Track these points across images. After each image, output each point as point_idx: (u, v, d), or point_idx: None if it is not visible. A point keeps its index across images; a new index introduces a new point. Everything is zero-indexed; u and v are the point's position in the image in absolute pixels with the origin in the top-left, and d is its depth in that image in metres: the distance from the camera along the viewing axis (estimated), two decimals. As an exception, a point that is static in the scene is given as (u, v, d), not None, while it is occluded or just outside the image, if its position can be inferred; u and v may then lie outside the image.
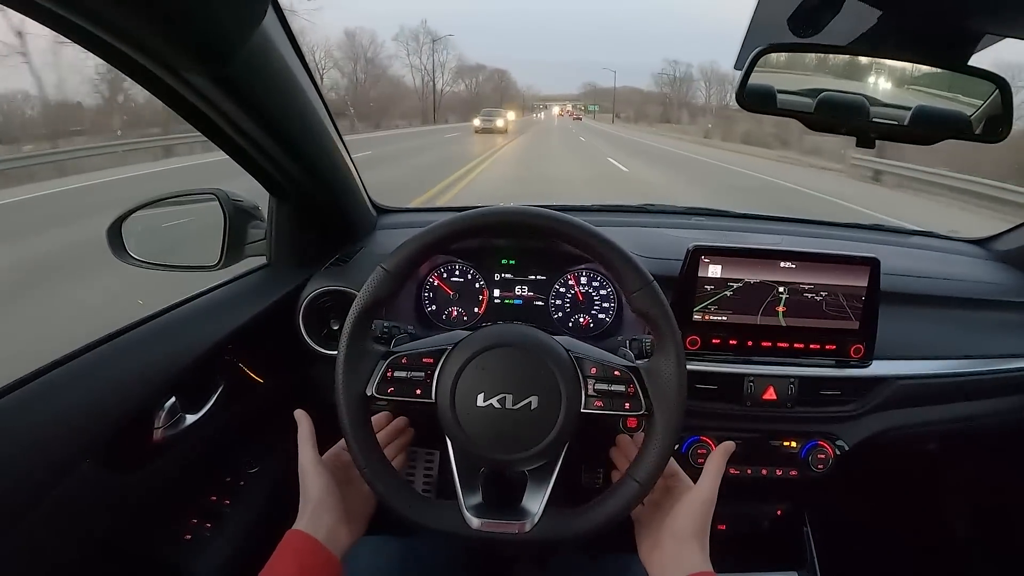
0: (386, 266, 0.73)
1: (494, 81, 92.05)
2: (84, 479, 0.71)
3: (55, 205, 7.99)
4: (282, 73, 0.81)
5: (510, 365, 0.73)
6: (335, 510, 0.75)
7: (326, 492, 0.76)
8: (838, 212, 8.26)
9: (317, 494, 0.75)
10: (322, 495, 0.75)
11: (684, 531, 0.73)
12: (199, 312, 0.97)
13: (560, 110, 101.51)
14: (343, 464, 0.83)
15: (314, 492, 0.76)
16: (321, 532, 0.72)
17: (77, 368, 0.77)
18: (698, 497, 0.75)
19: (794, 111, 0.79)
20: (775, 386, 1.08)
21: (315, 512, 0.74)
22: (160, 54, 0.62)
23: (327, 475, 0.77)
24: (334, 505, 0.76)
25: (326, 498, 0.75)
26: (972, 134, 0.79)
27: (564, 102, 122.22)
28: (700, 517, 0.75)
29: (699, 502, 0.75)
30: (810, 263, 1.07)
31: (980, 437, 1.34)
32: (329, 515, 0.74)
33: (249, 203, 1.11)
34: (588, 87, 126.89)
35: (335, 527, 0.74)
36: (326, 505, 0.75)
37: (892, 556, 1.54)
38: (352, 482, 0.80)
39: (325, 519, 0.74)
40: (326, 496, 0.76)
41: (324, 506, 0.75)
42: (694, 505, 0.75)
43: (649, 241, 1.22)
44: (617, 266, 0.73)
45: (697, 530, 0.74)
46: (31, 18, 0.55)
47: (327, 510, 0.75)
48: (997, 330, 1.23)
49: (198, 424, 0.90)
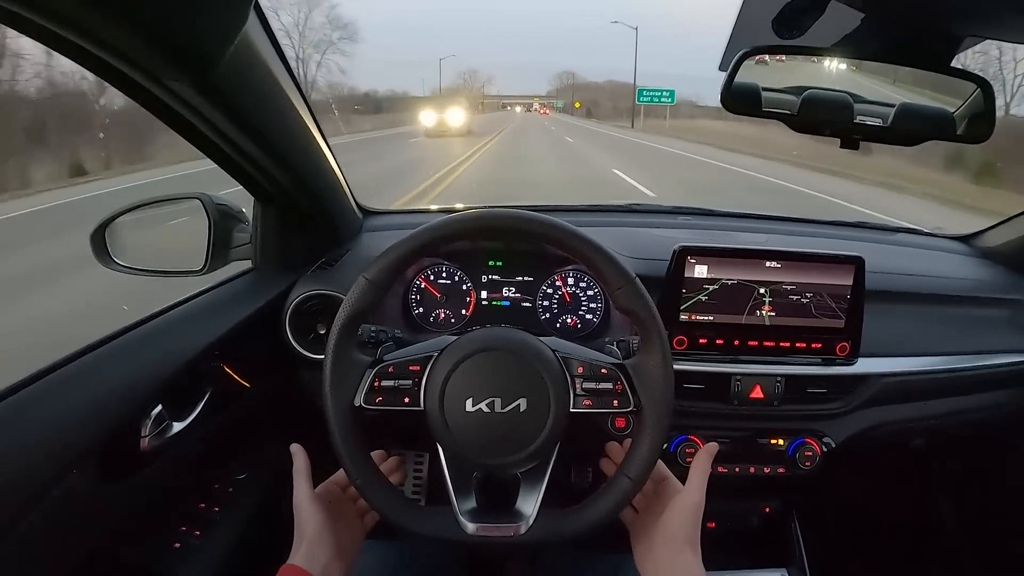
0: (368, 275, 0.73)
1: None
2: (72, 489, 0.71)
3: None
4: (265, 78, 0.80)
5: (497, 369, 0.73)
6: (329, 546, 0.76)
7: (321, 528, 0.76)
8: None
9: (313, 530, 0.76)
10: (318, 531, 0.76)
11: (676, 538, 0.74)
12: (184, 318, 0.97)
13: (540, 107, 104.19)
14: (336, 499, 0.83)
15: (310, 528, 0.76)
16: (316, 568, 0.73)
17: (62, 378, 0.76)
18: (687, 502, 0.76)
19: (778, 112, 0.79)
20: (762, 385, 1.09)
21: (310, 548, 0.74)
22: (142, 62, 0.61)
23: (323, 511, 0.78)
24: (328, 541, 0.76)
25: (321, 534, 0.76)
26: (955, 134, 0.79)
27: (531, 99, 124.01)
28: (691, 522, 0.75)
29: (689, 508, 0.76)
30: (795, 262, 1.07)
31: (965, 432, 1.35)
32: (324, 551, 0.75)
33: (234, 207, 1.10)
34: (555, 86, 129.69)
35: (330, 563, 0.74)
36: (321, 540, 0.75)
37: (880, 551, 1.55)
38: (344, 517, 0.81)
39: (320, 555, 0.74)
40: (321, 532, 0.76)
41: (319, 541, 0.75)
42: (684, 511, 0.76)
43: (635, 241, 1.22)
44: (598, 265, 0.73)
45: (688, 535, 0.74)
46: (10, 27, 0.54)
47: (322, 545, 0.75)
48: (981, 326, 1.25)
49: (186, 431, 0.90)
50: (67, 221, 6.26)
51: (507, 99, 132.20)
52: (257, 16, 0.74)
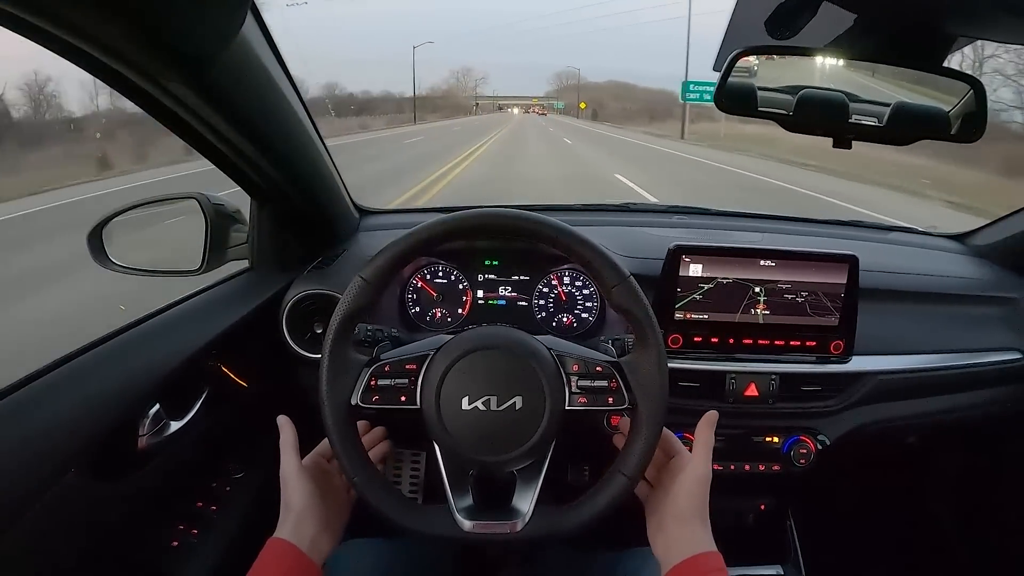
0: (364, 275, 0.73)
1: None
2: (70, 489, 0.71)
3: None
4: (262, 78, 0.80)
5: (493, 367, 0.73)
6: (317, 518, 0.75)
7: (309, 500, 0.75)
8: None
9: (300, 502, 0.75)
10: (305, 503, 0.75)
11: (685, 512, 0.74)
12: (182, 318, 0.97)
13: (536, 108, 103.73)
14: (323, 471, 0.82)
15: (297, 500, 0.75)
16: (304, 541, 0.72)
17: (60, 377, 0.76)
18: (694, 476, 0.76)
19: (773, 112, 0.80)
20: (757, 383, 1.10)
21: (298, 520, 0.74)
22: (139, 62, 0.61)
23: (310, 483, 0.77)
24: (316, 513, 0.75)
25: (309, 506, 0.75)
26: (948, 134, 0.80)
27: (530, 100, 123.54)
28: (699, 496, 0.75)
29: (696, 481, 0.75)
30: (790, 261, 1.08)
31: (959, 430, 1.36)
32: (311, 523, 0.74)
33: (231, 206, 1.10)
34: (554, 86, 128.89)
35: (317, 536, 0.74)
36: (309, 513, 0.75)
37: (874, 548, 1.56)
38: (331, 490, 0.80)
39: (307, 527, 0.74)
40: (309, 504, 0.75)
41: (307, 514, 0.75)
42: (692, 485, 0.75)
43: (630, 241, 1.23)
44: (593, 263, 0.73)
45: (697, 509, 0.74)
46: (5, 27, 0.54)
47: (309, 518, 0.74)
48: (975, 324, 1.25)
49: (183, 431, 0.90)
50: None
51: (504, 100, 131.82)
52: (254, 17, 0.75)
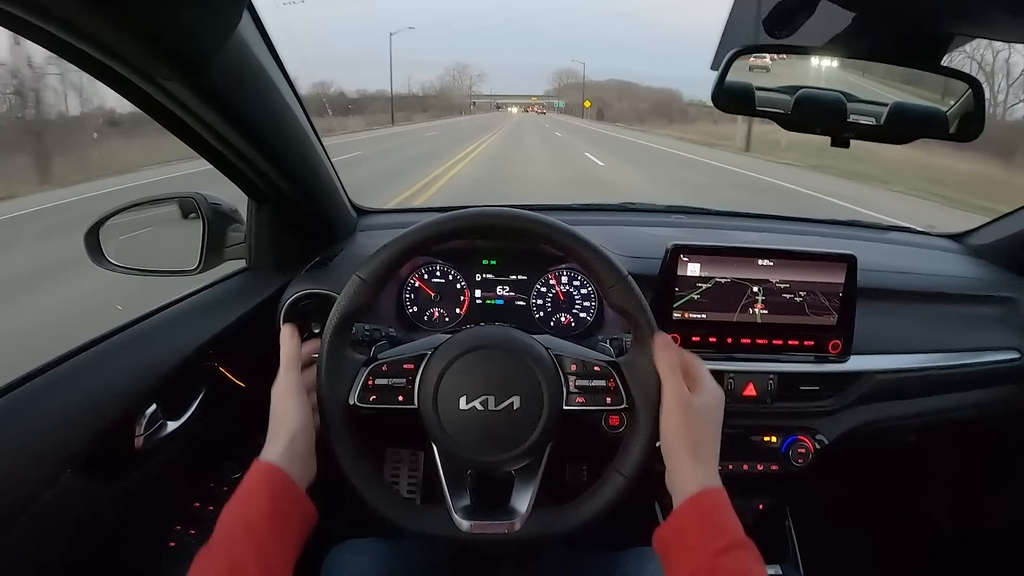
0: (362, 274, 0.73)
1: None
2: (67, 489, 0.71)
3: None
4: (259, 77, 0.80)
5: (491, 367, 0.73)
6: (310, 445, 0.71)
7: (306, 424, 0.71)
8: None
9: (296, 424, 0.70)
10: (303, 423, 0.70)
11: (672, 445, 0.68)
12: (179, 317, 0.97)
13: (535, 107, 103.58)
14: (310, 391, 0.76)
15: (293, 421, 0.70)
16: (295, 468, 0.67)
17: (56, 377, 0.76)
18: (670, 405, 0.70)
19: (771, 111, 0.80)
20: (755, 382, 1.10)
21: (292, 445, 0.68)
22: (135, 61, 0.61)
23: (308, 406, 0.73)
24: (309, 440, 0.71)
25: (306, 427, 0.71)
26: (946, 133, 0.80)
27: (530, 99, 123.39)
28: (681, 423, 0.68)
29: (673, 411, 0.69)
30: (788, 260, 1.08)
31: (958, 429, 1.36)
32: (304, 450, 0.70)
33: (228, 206, 1.10)
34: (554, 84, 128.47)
35: (307, 464, 0.70)
36: (303, 435, 0.70)
37: (873, 548, 1.56)
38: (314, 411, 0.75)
39: (300, 454, 0.69)
40: (306, 425, 0.71)
41: (301, 439, 0.70)
42: (671, 416, 0.69)
43: (629, 240, 1.23)
44: (591, 263, 0.74)
45: (684, 439, 0.68)
46: (3, 27, 0.54)
47: (304, 444, 0.70)
48: (973, 324, 1.25)
49: (180, 430, 0.90)
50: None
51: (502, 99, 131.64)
52: (251, 15, 0.74)
